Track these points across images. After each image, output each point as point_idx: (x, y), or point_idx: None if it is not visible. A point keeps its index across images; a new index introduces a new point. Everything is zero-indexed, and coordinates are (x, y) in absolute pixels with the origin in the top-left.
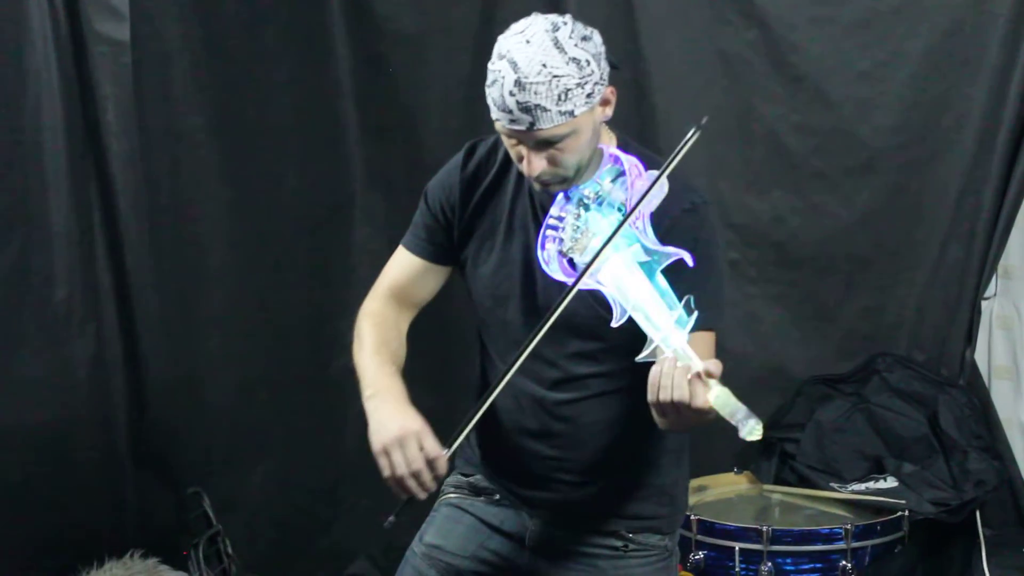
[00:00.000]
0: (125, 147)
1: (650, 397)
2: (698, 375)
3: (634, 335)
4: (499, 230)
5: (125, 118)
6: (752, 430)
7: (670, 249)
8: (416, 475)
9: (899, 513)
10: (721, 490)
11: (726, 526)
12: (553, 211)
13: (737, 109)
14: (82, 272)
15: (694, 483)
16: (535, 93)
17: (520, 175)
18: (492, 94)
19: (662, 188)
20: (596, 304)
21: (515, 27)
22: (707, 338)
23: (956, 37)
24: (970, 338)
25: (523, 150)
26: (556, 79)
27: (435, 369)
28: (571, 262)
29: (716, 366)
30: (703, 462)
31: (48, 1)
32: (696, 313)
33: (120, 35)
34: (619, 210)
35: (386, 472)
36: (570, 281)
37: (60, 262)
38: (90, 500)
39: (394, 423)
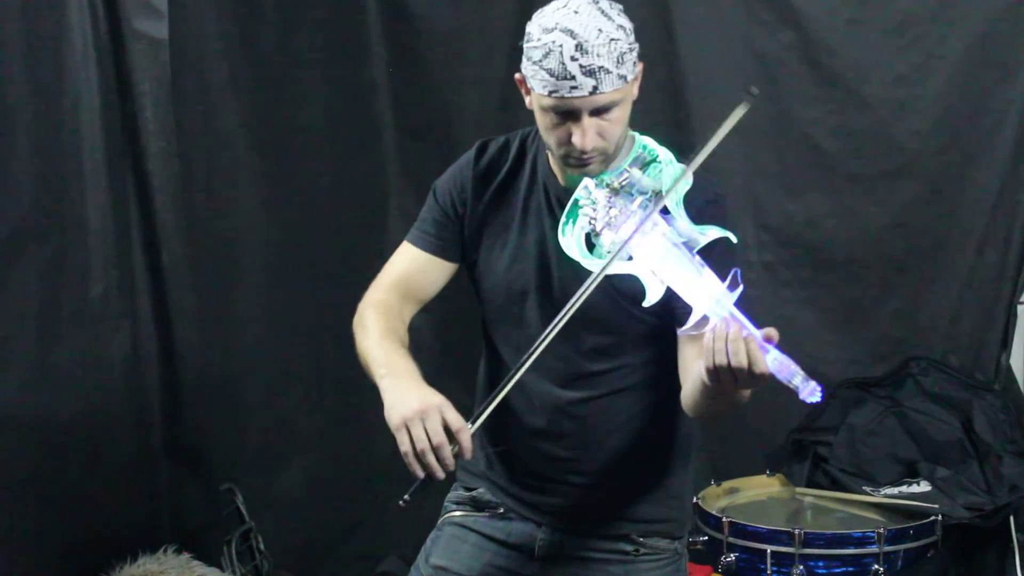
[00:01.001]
0: (162, 145)
1: (706, 363)
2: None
3: (650, 327)
4: (512, 226)
5: (163, 116)
6: (813, 392)
7: (708, 229)
8: (438, 449)
9: (932, 517)
10: (753, 492)
11: (758, 528)
12: (581, 194)
13: (773, 111)
14: (118, 269)
15: (726, 485)
16: (597, 55)
17: (533, 171)
18: (548, 65)
19: (688, 177)
20: (617, 294)
21: (551, 6)
22: None
23: (993, 40)
24: (1005, 342)
25: (571, 126)
26: (614, 42)
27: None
28: (592, 248)
29: (774, 331)
30: (735, 464)
31: None
32: (742, 286)
33: (159, 33)
34: (649, 196)
35: (404, 447)
36: (594, 264)
37: (96, 259)
38: (124, 495)
39: (414, 396)
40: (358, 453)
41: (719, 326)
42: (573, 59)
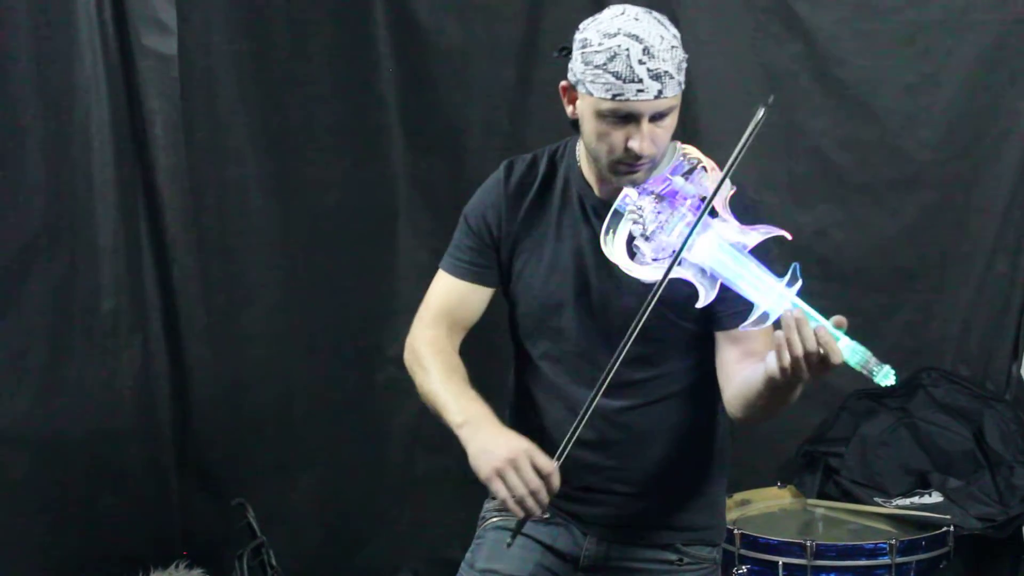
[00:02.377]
0: (172, 160)
1: (779, 355)
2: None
3: (691, 334)
4: (547, 240)
5: (172, 132)
6: (888, 374)
7: (758, 228)
8: (536, 494)
9: (944, 528)
10: (765, 504)
11: (770, 540)
12: (624, 203)
13: (782, 123)
14: (129, 284)
15: (737, 497)
16: (663, 60)
17: (566, 185)
18: (614, 68)
19: (728, 182)
20: (659, 302)
21: (606, 14)
22: (768, 330)
23: (1001, 51)
24: (1016, 353)
25: (629, 131)
26: (675, 48)
27: None
28: (632, 256)
29: (843, 318)
30: (747, 476)
31: (97, 15)
32: (800, 280)
33: (168, 49)
34: (695, 201)
35: (502, 494)
36: (642, 272)
37: (107, 274)
38: (136, 511)
39: (501, 445)
40: (369, 467)
41: (786, 316)
42: (641, 62)
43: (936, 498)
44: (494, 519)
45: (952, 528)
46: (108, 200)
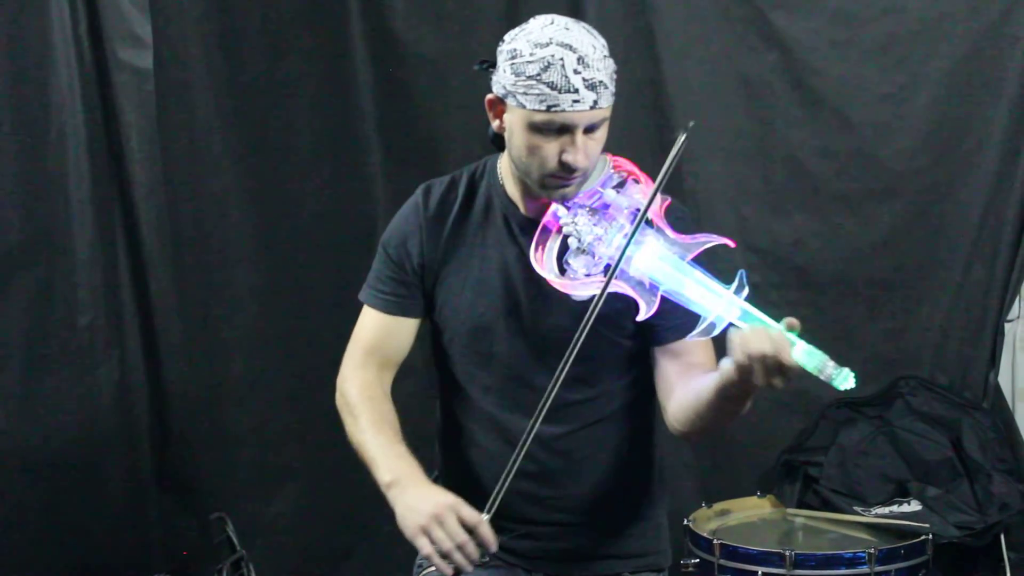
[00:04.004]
0: (148, 174)
1: (737, 359)
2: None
3: (627, 351)
4: (473, 260)
5: (148, 145)
6: (846, 377)
7: (698, 237)
8: (462, 548)
9: (923, 537)
10: (744, 514)
11: (748, 550)
12: (552, 219)
13: (758, 132)
14: (106, 298)
15: (717, 507)
16: (598, 70)
17: (488, 204)
18: (548, 78)
19: (659, 195)
20: (594, 320)
21: (534, 24)
22: (708, 342)
23: (976, 60)
24: (993, 360)
25: (563, 143)
26: (607, 58)
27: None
28: (563, 272)
29: (795, 320)
30: (726, 486)
31: (72, 29)
32: (747, 288)
33: (143, 63)
34: (631, 213)
35: (427, 550)
36: (574, 286)
37: (84, 288)
38: (114, 525)
39: (426, 503)
40: (349, 480)
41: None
42: (576, 72)
43: (915, 506)
44: (429, 570)
45: (931, 536)
46: (84, 214)
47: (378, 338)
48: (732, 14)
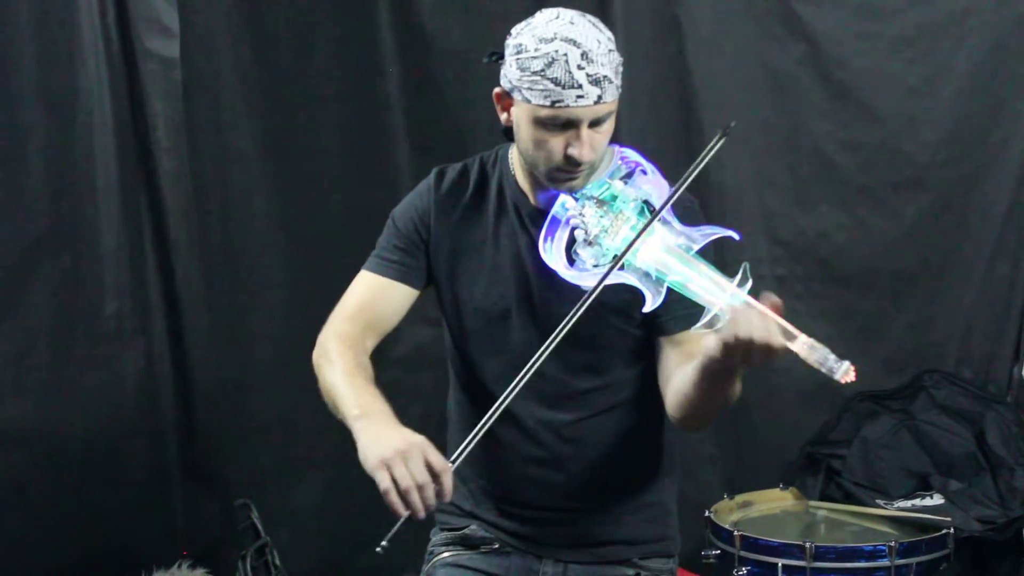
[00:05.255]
0: (175, 163)
1: (725, 336)
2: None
3: (636, 340)
4: (485, 249)
5: (175, 135)
6: (847, 370)
7: (704, 229)
8: (422, 488)
9: (945, 531)
10: (766, 506)
11: (769, 542)
12: (561, 210)
13: (784, 125)
14: (132, 286)
15: (739, 499)
16: (602, 64)
17: (500, 194)
18: (552, 74)
19: (667, 186)
20: (603, 308)
21: (539, 19)
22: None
23: (1002, 53)
24: (1017, 354)
25: (568, 138)
26: (611, 52)
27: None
28: (572, 262)
29: (778, 300)
30: (749, 478)
31: (100, 19)
32: (751, 280)
33: (170, 52)
34: (639, 205)
35: (385, 485)
36: (581, 277)
37: (110, 277)
38: (139, 511)
39: (393, 437)
40: None
41: (740, 309)
42: (580, 67)
43: (937, 500)
44: (443, 555)
45: (953, 530)
46: (111, 203)
47: (369, 299)
48: (758, 6)
